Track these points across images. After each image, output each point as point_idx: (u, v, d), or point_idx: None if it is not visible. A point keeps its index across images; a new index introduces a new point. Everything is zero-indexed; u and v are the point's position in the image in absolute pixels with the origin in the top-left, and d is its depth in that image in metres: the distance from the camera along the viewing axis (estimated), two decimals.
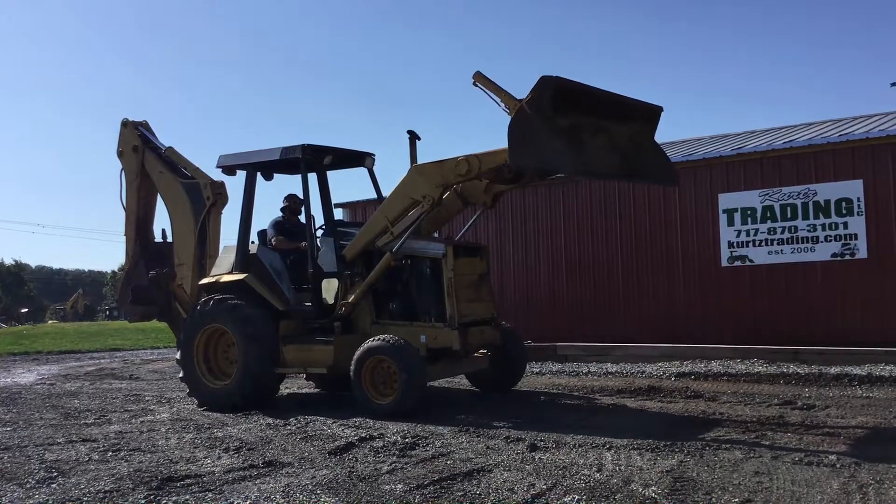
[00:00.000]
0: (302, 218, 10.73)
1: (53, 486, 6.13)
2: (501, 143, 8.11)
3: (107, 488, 5.96)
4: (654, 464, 6.20)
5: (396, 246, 9.36)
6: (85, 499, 5.70)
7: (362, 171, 11.06)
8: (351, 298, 9.71)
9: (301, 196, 10.66)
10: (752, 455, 6.36)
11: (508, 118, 8.07)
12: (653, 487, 5.49)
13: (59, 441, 8.02)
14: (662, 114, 8.86)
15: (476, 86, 8.47)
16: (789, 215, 13.16)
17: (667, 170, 9.15)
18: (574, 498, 5.30)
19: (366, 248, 9.84)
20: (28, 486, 6.14)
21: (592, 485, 5.62)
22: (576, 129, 8.04)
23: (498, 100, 8.28)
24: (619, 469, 6.07)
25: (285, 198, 10.97)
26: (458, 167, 8.97)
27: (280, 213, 10.97)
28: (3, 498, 5.79)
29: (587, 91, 8.12)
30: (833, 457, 6.21)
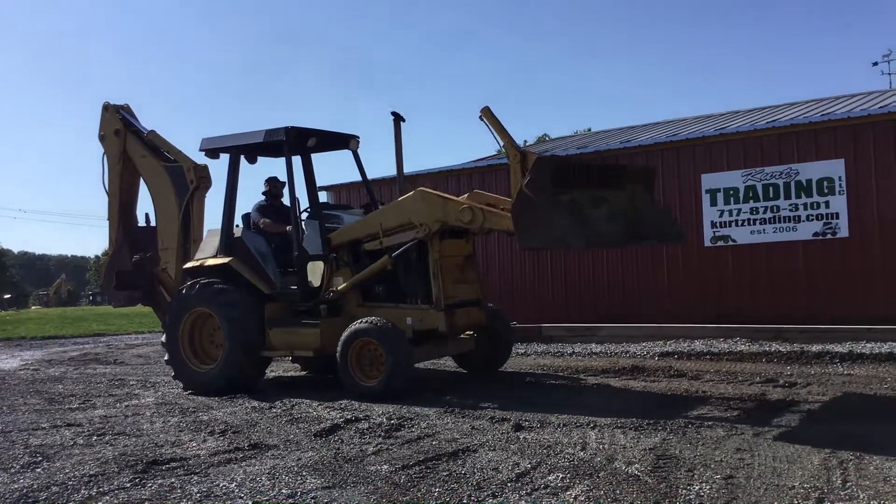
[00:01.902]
0: (285, 201, 10.71)
1: (38, 470, 6.13)
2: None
3: (92, 472, 5.97)
4: (638, 442, 6.27)
5: (397, 252, 9.40)
6: (70, 483, 5.70)
7: (347, 153, 11.03)
8: (340, 287, 9.73)
9: (281, 179, 10.68)
10: (733, 432, 6.44)
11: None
12: (636, 465, 5.55)
13: (43, 426, 8.01)
14: (641, 95, 8.97)
15: (481, 120, 8.78)
16: (771, 195, 13.22)
17: (670, 227, 9.28)
18: (558, 476, 5.35)
19: (353, 242, 9.87)
20: (13, 470, 6.14)
21: (576, 463, 5.67)
22: (576, 202, 8.17)
23: (500, 141, 8.64)
24: (603, 447, 6.13)
25: (266, 181, 10.94)
26: (462, 214, 8.98)
27: (262, 197, 10.94)
28: None
29: (583, 164, 8.35)
30: (814, 433, 6.29)
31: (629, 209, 8.77)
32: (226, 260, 10.22)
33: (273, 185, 10.90)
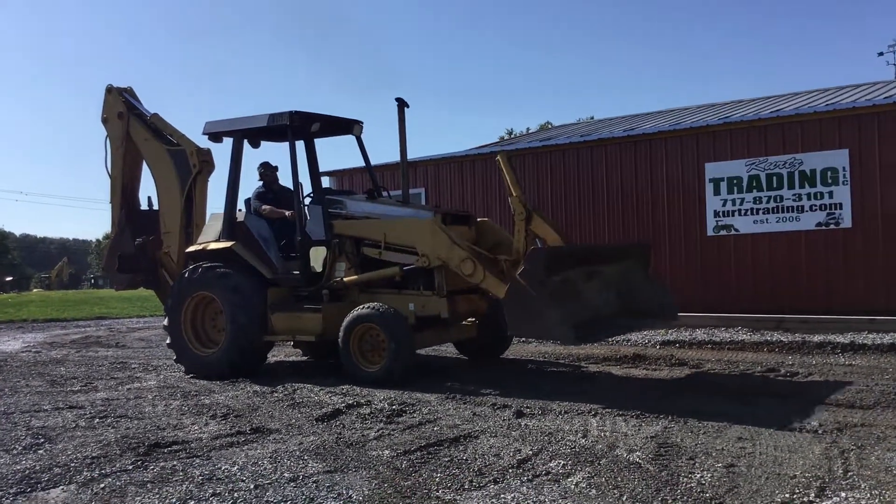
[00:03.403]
0: (285, 183, 10.70)
1: (40, 452, 6.15)
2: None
3: (94, 454, 5.99)
4: (639, 430, 6.27)
5: (408, 267, 9.39)
6: (72, 465, 5.71)
7: (350, 138, 11.00)
8: (347, 280, 9.73)
9: (272, 164, 10.73)
10: (735, 421, 6.44)
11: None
12: (637, 453, 5.56)
13: (45, 408, 8.03)
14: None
15: (497, 161, 9.38)
16: (775, 185, 13.19)
17: (664, 303, 9.47)
18: (559, 463, 5.36)
19: (355, 237, 9.88)
20: (15, 452, 6.15)
21: (578, 450, 5.68)
22: (568, 281, 8.41)
23: (509, 183, 9.08)
24: (605, 435, 6.14)
25: (259, 167, 10.89)
26: (464, 265, 8.92)
27: (260, 183, 10.90)
28: None
29: (575, 251, 8.69)
30: (815, 423, 6.30)
31: (622, 281, 9.13)
32: (228, 244, 10.21)
33: (266, 171, 10.85)
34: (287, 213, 10.34)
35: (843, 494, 4.52)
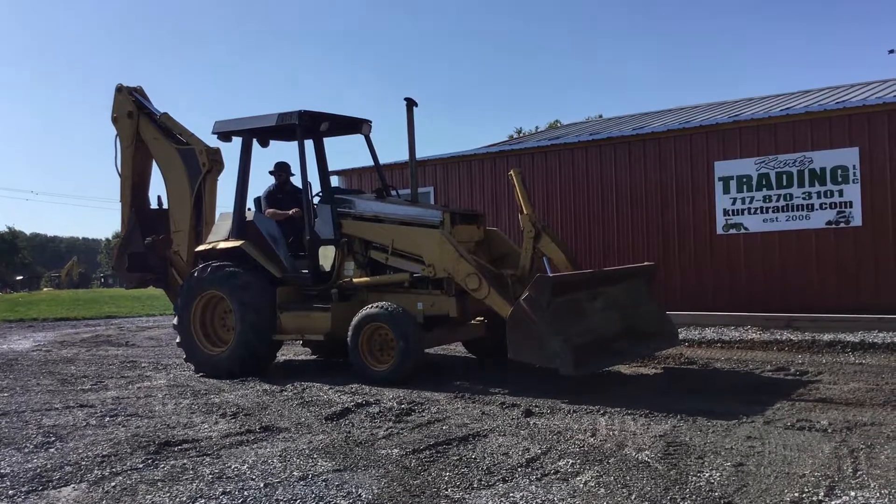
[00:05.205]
0: (297, 183, 10.72)
1: (51, 450, 6.18)
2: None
3: (105, 453, 6.02)
4: (648, 429, 6.27)
5: (417, 274, 9.44)
6: (83, 463, 5.75)
7: (359, 138, 11.01)
8: (357, 281, 9.77)
9: (286, 163, 10.71)
10: (744, 420, 6.43)
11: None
12: (646, 451, 5.55)
13: (56, 406, 8.07)
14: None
15: (509, 176, 9.58)
16: (785, 183, 13.14)
17: (665, 325, 9.66)
18: (568, 462, 5.36)
19: (363, 239, 9.93)
20: (26, 450, 6.19)
21: (586, 449, 5.68)
22: (572, 300, 8.44)
23: (521, 200, 9.22)
24: (613, 434, 6.14)
25: (273, 166, 10.95)
26: (469, 280, 8.95)
27: (273, 181, 10.95)
28: (2, 462, 5.84)
29: (580, 280, 8.75)
30: (825, 422, 6.28)
31: (626, 302, 9.21)
32: (237, 243, 10.24)
33: (277, 170, 10.91)
34: (290, 211, 10.38)
35: (852, 493, 4.51)
